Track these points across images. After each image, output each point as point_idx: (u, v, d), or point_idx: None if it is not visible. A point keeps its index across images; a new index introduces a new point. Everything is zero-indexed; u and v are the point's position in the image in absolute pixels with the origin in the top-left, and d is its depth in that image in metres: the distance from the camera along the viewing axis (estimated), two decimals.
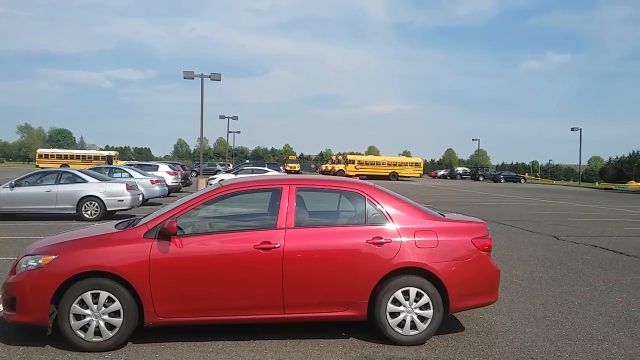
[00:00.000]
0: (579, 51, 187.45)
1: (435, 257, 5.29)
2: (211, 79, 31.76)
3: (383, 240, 5.27)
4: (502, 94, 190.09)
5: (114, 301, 4.92)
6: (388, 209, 5.47)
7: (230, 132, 75.43)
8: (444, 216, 5.83)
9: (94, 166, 23.04)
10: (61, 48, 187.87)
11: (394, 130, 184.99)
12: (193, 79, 31.47)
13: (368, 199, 5.53)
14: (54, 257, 4.93)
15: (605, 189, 56.37)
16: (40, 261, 4.93)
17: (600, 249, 11.58)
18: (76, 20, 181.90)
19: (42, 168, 55.17)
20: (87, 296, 4.90)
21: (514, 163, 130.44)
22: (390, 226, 5.36)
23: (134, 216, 5.98)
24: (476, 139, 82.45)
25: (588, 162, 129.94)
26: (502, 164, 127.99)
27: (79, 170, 16.10)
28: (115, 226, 5.59)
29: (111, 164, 56.90)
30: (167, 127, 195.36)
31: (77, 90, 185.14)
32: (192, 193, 5.92)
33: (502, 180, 64.94)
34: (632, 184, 63.43)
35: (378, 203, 5.50)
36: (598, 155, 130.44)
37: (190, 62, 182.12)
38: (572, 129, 67.38)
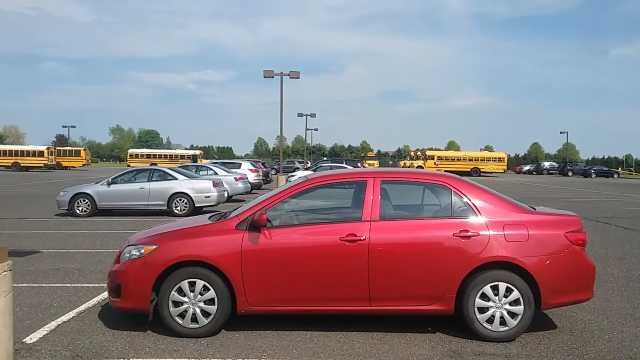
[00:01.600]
0: None
1: (526, 251, 5.16)
2: (290, 77, 32.26)
3: (470, 233, 5.20)
4: (590, 84, 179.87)
5: (208, 289, 5.18)
6: (475, 201, 5.39)
7: (308, 129, 76.37)
8: (534, 209, 5.66)
9: (181, 164, 24.07)
10: (147, 52, 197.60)
11: (475, 125, 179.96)
12: (273, 77, 32.14)
13: (454, 191, 5.47)
14: (154, 247, 5.25)
15: None
16: (142, 251, 5.28)
17: None
18: (160, 25, 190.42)
19: (134, 167, 58.53)
20: (185, 284, 5.18)
21: (606, 157, 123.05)
22: (477, 219, 5.28)
23: (224, 211, 6.23)
24: (564, 132, 78.48)
25: None
26: (593, 158, 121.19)
27: (169, 168, 16.94)
28: (209, 218, 5.87)
29: (196, 162, 59.29)
30: (247, 126, 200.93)
31: (163, 92, 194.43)
32: (274, 189, 6.09)
33: (593, 176, 61.53)
34: None
35: (465, 195, 5.43)
36: None
37: (268, 62, 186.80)
38: None
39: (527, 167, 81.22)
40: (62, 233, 12.16)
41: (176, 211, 15.65)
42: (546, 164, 79.39)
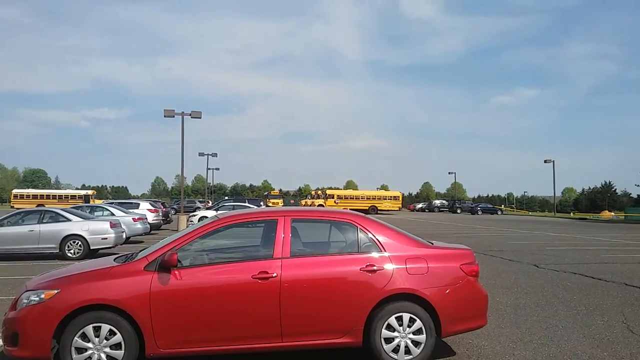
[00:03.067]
0: (547, 86, 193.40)
1: (426, 283, 5.51)
2: (192, 117, 31.87)
3: (376, 267, 5.48)
4: (474, 129, 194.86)
5: (115, 334, 5.01)
6: (379, 237, 5.70)
7: (210, 169, 75.39)
8: (432, 244, 6.08)
9: (74, 205, 22.80)
10: (36, 89, 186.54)
11: (371, 165, 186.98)
12: (174, 117, 31.59)
13: (360, 228, 5.76)
14: (56, 291, 5.02)
15: (580, 218, 57.46)
16: (42, 296, 5.02)
17: (580, 275, 11.91)
18: (51, 61, 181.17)
19: (17, 209, 54.28)
20: (89, 329, 4.98)
21: (490, 195, 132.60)
22: (382, 254, 5.58)
23: (129, 253, 6.07)
24: (452, 172, 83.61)
25: (562, 193, 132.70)
26: (478, 196, 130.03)
27: (61, 209, 16.05)
28: (114, 260, 5.71)
29: (88, 202, 56.27)
30: (144, 165, 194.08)
31: (52, 130, 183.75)
32: (182, 230, 6.06)
33: (480, 212, 65.77)
34: (606, 214, 64.88)
35: (370, 232, 5.73)
36: (571, 187, 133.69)
37: (166, 101, 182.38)
38: (545, 161, 68.81)
39: (420, 205, 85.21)
40: None
41: (69, 254, 14.77)
42: (437, 202, 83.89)
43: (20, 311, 5.05)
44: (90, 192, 71.47)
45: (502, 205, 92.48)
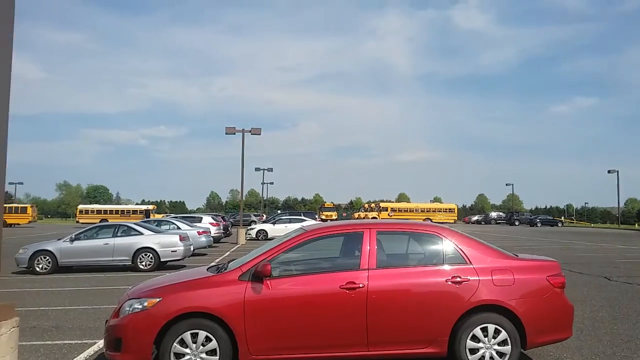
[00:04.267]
0: (606, 95, 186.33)
1: (512, 294, 5.54)
2: (252, 134, 32.83)
3: (461, 279, 5.56)
4: (530, 139, 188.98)
5: (211, 340, 5.28)
6: (465, 249, 5.78)
7: (264, 183, 76.69)
8: (517, 256, 6.09)
9: (143, 219, 23.73)
10: (99, 109, 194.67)
11: (423, 178, 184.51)
12: (234, 134, 32.67)
13: (445, 240, 5.85)
14: (158, 299, 5.35)
15: None
16: (145, 304, 5.35)
17: None
18: (113, 83, 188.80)
19: (82, 223, 56.63)
20: (187, 336, 5.27)
21: (548, 207, 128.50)
22: (467, 266, 5.66)
23: (220, 263, 6.35)
24: (510, 184, 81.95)
25: (625, 204, 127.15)
26: (536, 208, 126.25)
27: (134, 224, 16.78)
28: (207, 269, 6.01)
29: (149, 217, 58.19)
30: (199, 180, 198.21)
31: (114, 149, 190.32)
32: (273, 241, 6.30)
33: (539, 224, 64.04)
34: None
35: (455, 244, 5.82)
36: (634, 197, 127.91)
37: (221, 119, 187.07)
38: (609, 171, 66.49)
39: (475, 217, 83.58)
40: (26, 291, 11.81)
41: (141, 266, 15.44)
42: (493, 214, 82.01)
43: (124, 318, 5.39)
44: (150, 207, 73.83)
45: (562, 217, 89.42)
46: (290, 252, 5.83)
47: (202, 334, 5.28)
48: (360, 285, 5.44)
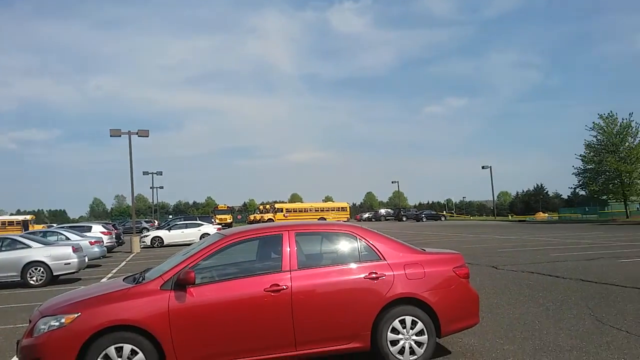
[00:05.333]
0: (475, 95, 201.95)
1: (424, 286, 5.94)
2: (139, 136, 31.54)
3: (377, 274, 5.86)
4: (411, 138, 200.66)
5: (137, 353, 5.14)
6: (378, 246, 6.10)
7: (154, 187, 74.02)
8: (424, 250, 6.52)
9: (30, 231, 22.02)
10: None
11: (314, 178, 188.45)
12: (120, 136, 31.16)
13: (360, 239, 6.13)
14: (76, 314, 5.11)
15: (519, 220, 60.23)
16: (62, 320, 5.09)
17: (538, 274, 12.73)
18: None
19: None
20: (111, 350, 5.09)
21: (430, 202, 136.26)
22: (382, 262, 5.97)
23: (135, 274, 6.18)
24: (395, 181, 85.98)
25: (497, 197, 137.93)
26: (420, 203, 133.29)
27: (19, 236, 15.57)
28: (124, 280, 5.83)
29: (27, 228, 53.91)
30: (80, 187, 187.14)
31: None
32: (192, 248, 6.25)
33: (424, 219, 67.62)
34: (540, 215, 68.18)
35: (369, 242, 6.11)
36: (506, 190, 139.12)
37: (99, 120, 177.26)
38: (483, 167, 71.84)
39: (366, 215, 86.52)
40: None
41: (32, 282, 14.41)
42: (382, 211, 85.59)
43: (40, 337, 5.09)
44: (28, 217, 68.21)
45: (444, 211, 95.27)
46: (211, 259, 5.81)
47: (128, 348, 5.13)
48: (284, 287, 5.56)
